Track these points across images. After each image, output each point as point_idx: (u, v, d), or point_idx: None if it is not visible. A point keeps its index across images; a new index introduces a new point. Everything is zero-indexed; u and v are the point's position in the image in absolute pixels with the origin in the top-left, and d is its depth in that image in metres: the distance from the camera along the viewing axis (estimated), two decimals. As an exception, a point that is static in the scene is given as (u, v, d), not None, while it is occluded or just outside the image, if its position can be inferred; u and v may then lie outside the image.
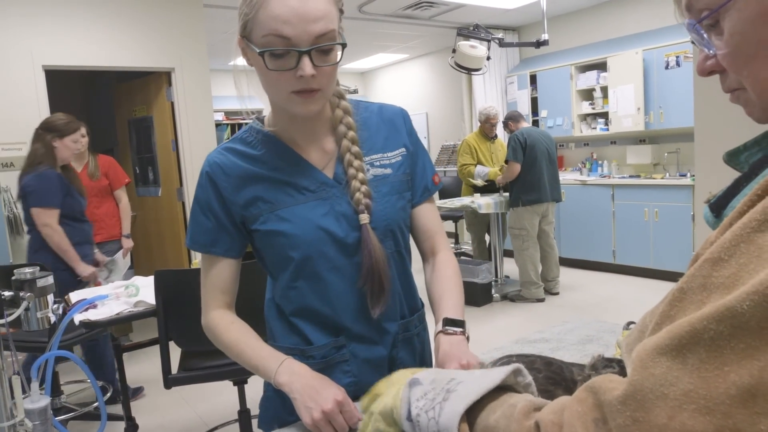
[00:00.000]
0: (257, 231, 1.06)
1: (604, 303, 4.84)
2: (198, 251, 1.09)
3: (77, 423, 3.18)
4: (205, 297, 1.10)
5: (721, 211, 0.54)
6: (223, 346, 1.08)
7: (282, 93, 0.96)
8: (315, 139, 1.07)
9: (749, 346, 0.38)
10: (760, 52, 0.51)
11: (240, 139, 1.09)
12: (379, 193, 1.07)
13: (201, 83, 4.78)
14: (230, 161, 1.06)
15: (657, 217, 5.27)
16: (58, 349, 1.30)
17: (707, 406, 0.39)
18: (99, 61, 4.34)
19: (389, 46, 7.82)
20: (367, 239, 1.03)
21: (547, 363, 0.78)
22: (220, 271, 1.08)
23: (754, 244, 0.41)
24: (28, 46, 4.06)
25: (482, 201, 4.98)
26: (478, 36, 4.34)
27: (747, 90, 0.54)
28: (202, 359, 2.38)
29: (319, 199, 1.04)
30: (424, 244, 1.18)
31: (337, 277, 1.05)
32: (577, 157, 6.72)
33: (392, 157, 1.11)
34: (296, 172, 1.05)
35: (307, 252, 1.03)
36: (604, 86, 5.97)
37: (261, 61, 0.93)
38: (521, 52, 7.23)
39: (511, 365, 0.63)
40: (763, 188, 0.43)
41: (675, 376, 0.41)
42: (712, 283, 0.42)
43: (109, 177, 4.08)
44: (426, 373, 0.70)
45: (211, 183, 1.05)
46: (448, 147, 8.15)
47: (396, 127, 1.14)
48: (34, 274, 1.29)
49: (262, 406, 1.17)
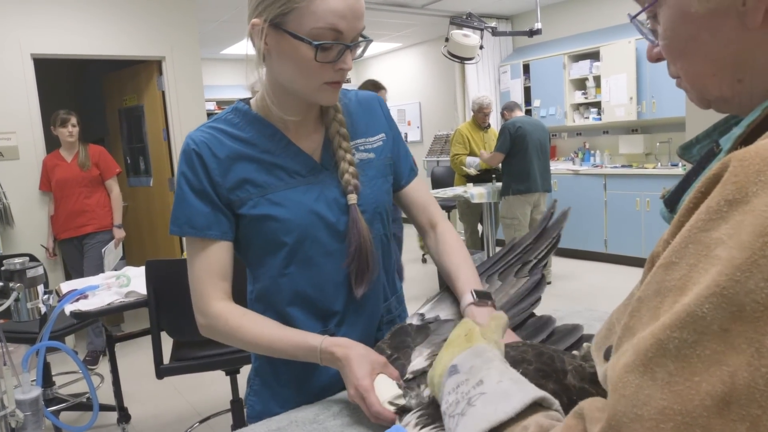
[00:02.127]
0: (245, 216, 1.02)
1: (595, 292, 4.87)
2: (192, 236, 1.01)
3: (69, 413, 3.18)
4: (202, 287, 1.02)
5: (675, 206, 0.55)
6: (239, 341, 1.02)
7: (315, 83, 0.96)
8: (305, 125, 1.07)
9: (715, 351, 0.38)
10: (689, 48, 0.53)
11: (224, 119, 1.05)
12: (366, 176, 1.08)
13: (192, 72, 4.74)
14: (218, 140, 1.02)
15: (648, 206, 5.29)
16: (49, 339, 1.29)
17: (685, 422, 0.38)
18: (88, 49, 4.30)
19: (382, 35, 7.78)
20: (355, 219, 1.03)
21: (538, 353, 0.78)
22: (219, 256, 1.02)
23: (701, 243, 0.41)
24: (17, 34, 4.01)
25: (475, 191, 4.99)
26: (471, 25, 4.32)
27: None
28: (194, 349, 2.38)
29: (309, 183, 1.04)
30: (420, 217, 1.19)
31: (328, 262, 1.05)
32: (570, 147, 6.73)
33: (374, 141, 1.12)
34: (286, 156, 1.04)
35: (301, 237, 1.02)
36: (597, 76, 5.98)
37: (302, 50, 0.92)
38: (514, 42, 7.21)
39: (533, 394, 0.61)
40: (705, 185, 0.43)
41: (646, 394, 0.40)
42: (664, 287, 0.42)
43: (99, 167, 4.05)
44: (467, 356, 0.70)
45: (201, 162, 1.00)
46: (441, 136, 8.14)
47: (374, 113, 1.15)
48: (23, 265, 1.28)
49: (248, 402, 1.14)
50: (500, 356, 0.72)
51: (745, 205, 0.39)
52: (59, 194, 3.97)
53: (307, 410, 1.00)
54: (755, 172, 0.40)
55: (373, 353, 0.95)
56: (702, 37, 0.52)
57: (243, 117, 1.05)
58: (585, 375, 0.75)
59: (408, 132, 9.08)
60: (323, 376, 1.08)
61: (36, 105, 4.13)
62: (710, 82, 0.54)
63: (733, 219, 0.40)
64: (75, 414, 3.22)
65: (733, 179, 0.41)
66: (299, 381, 1.09)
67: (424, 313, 1.09)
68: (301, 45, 0.92)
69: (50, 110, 4.12)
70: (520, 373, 0.74)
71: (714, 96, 0.55)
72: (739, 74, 0.52)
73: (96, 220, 4.05)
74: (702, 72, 0.54)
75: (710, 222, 0.41)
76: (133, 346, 4.01)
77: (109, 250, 3.89)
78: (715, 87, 0.54)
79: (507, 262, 1.22)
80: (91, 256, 3.99)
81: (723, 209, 0.40)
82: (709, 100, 0.56)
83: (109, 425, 3.00)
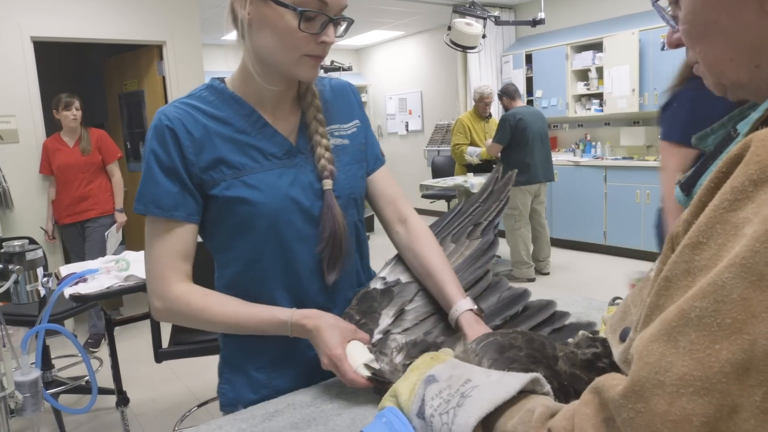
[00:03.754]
0: (218, 197, 0.99)
1: (594, 283, 4.88)
2: (157, 216, 0.98)
3: (68, 396, 3.20)
4: (162, 269, 0.98)
5: (691, 189, 0.56)
6: (205, 322, 1.00)
7: (295, 54, 0.95)
8: (281, 107, 1.05)
9: (735, 320, 0.39)
10: (709, 32, 0.54)
11: (198, 96, 1.02)
12: (341, 162, 1.07)
13: (193, 57, 4.71)
14: (192, 117, 0.99)
15: (649, 199, 5.29)
16: (48, 323, 1.30)
17: (704, 387, 0.39)
18: (89, 33, 4.27)
19: (385, 23, 7.73)
20: (330, 205, 1.02)
21: (528, 340, 0.78)
22: (183, 237, 0.99)
23: (729, 223, 0.42)
24: (17, 17, 3.99)
25: (475, 180, 4.99)
26: (474, 14, 4.30)
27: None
28: (192, 334, 2.39)
29: (285, 166, 1.02)
30: (386, 209, 1.16)
31: (301, 247, 1.03)
32: (571, 138, 6.72)
33: (348, 128, 1.12)
34: (262, 137, 1.02)
35: (275, 221, 1.00)
36: (600, 67, 5.95)
37: (286, 18, 0.92)
38: (517, 31, 7.17)
39: (529, 374, 0.61)
40: (726, 164, 0.44)
41: (669, 361, 0.41)
42: (695, 267, 0.43)
43: (101, 151, 4.05)
44: (444, 367, 0.68)
45: (174, 139, 0.97)
46: (443, 126, 8.12)
47: (348, 100, 1.15)
48: (23, 247, 1.29)
49: (220, 391, 1.12)
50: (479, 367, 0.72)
51: None
52: (61, 179, 3.95)
53: (305, 393, 1.00)
54: None
55: (342, 321, 0.98)
56: (721, 21, 0.52)
57: (218, 95, 1.03)
58: (576, 361, 0.75)
59: (409, 121, 9.06)
60: (298, 360, 1.07)
61: (36, 88, 4.11)
62: (727, 67, 0.54)
63: (759, 198, 0.41)
64: (74, 397, 3.24)
65: (756, 158, 0.41)
66: (274, 365, 1.07)
67: (385, 276, 1.13)
68: (285, 12, 0.91)
69: (50, 94, 4.11)
70: (511, 358, 0.75)
71: (731, 81, 0.55)
72: (756, 59, 0.52)
73: (99, 205, 4.05)
74: (720, 57, 0.54)
75: (736, 202, 0.42)
76: (132, 330, 4.02)
77: (111, 234, 3.90)
78: (732, 72, 0.54)
79: (459, 224, 1.25)
80: (94, 240, 4.00)
81: (748, 189, 0.41)
82: (725, 86, 0.56)
83: (108, 408, 3.02)
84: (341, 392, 0.99)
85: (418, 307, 1.09)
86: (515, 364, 0.73)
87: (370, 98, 9.77)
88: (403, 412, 0.67)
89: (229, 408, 1.07)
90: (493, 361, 0.75)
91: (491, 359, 0.75)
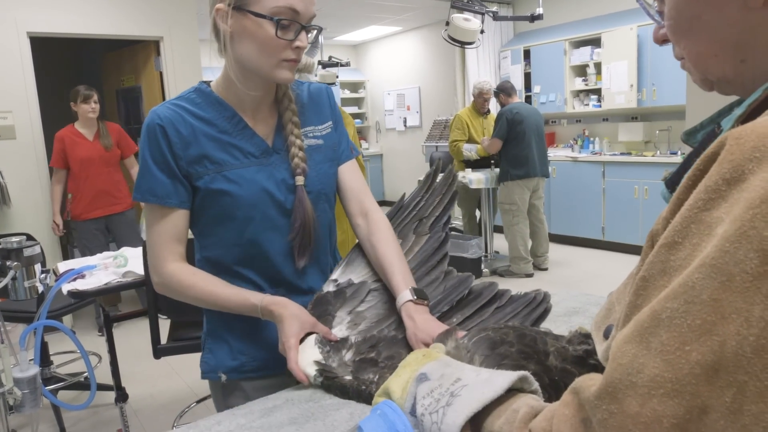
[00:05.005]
0: (201, 189, 1.11)
1: (592, 279, 4.90)
2: (153, 203, 1.11)
3: (67, 392, 3.20)
4: (158, 250, 1.12)
5: (675, 186, 0.55)
6: (191, 298, 1.12)
7: (274, 60, 1.06)
8: (260, 110, 1.16)
9: (705, 321, 0.39)
10: (693, 27, 0.54)
11: (187, 98, 1.14)
12: (313, 161, 1.18)
13: (190, 53, 4.70)
14: (181, 117, 1.10)
15: (647, 194, 5.30)
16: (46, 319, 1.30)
17: (675, 389, 0.39)
18: (86, 28, 4.26)
19: (382, 18, 7.71)
20: (301, 198, 1.14)
21: (520, 335, 0.78)
22: (177, 222, 1.12)
23: (703, 223, 0.42)
24: (13, 12, 3.97)
25: (473, 176, 4.99)
26: (472, 9, 4.29)
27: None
28: (191, 329, 2.39)
29: (261, 165, 1.14)
30: (350, 202, 1.26)
31: (275, 235, 1.15)
32: (569, 134, 6.72)
33: (323, 129, 1.22)
34: (242, 138, 1.13)
35: (251, 212, 1.12)
36: (598, 62, 5.94)
37: (264, 27, 1.03)
38: (515, 27, 7.16)
39: (517, 373, 0.62)
40: (703, 163, 0.44)
41: (641, 362, 0.41)
42: (670, 267, 0.43)
43: (120, 146, 4.06)
44: (435, 365, 0.69)
45: (164, 136, 1.09)
46: (441, 122, 8.11)
47: (323, 103, 1.25)
48: (21, 243, 1.29)
49: (203, 360, 1.23)
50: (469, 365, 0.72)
51: (742, 183, 0.40)
52: (82, 174, 3.90)
53: (303, 389, 1.01)
54: (751, 148, 0.40)
55: (306, 314, 1.08)
56: (705, 16, 0.52)
57: (205, 98, 1.14)
58: (567, 356, 0.76)
59: (407, 117, 9.06)
60: (271, 330, 1.14)
61: (33, 84, 4.10)
62: (713, 63, 0.54)
63: (732, 197, 0.40)
64: (73, 393, 3.24)
65: (729, 157, 0.41)
66: (250, 334, 1.19)
67: (337, 278, 1.20)
68: (263, 22, 1.03)
69: (47, 90, 4.10)
70: (502, 354, 0.75)
71: (717, 77, 0.55)
72: (741, 55, 0.52)
73: (124, 200, 4.09)
74: (705, 52, 0.54)
75: (710, 201, 0.42)
76: (130, 327, 4.02)
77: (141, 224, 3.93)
78: (717, 67, 0.54)
79: (402, 220, 1.31)
80: (127, 231, 4.05)
81: (722, 188, 0.41)
82: (711, 82, 0.56)
83: (107, 404, 3.03)
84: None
85: (371, 307, 1.15)
86: (506, 360, 0.74)
87: (368, 94, 9.76)
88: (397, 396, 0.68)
89: (210, 375, 1.21)
90: (484, 357, 0.75)
91: (483, 355, 0.75)
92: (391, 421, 0.65)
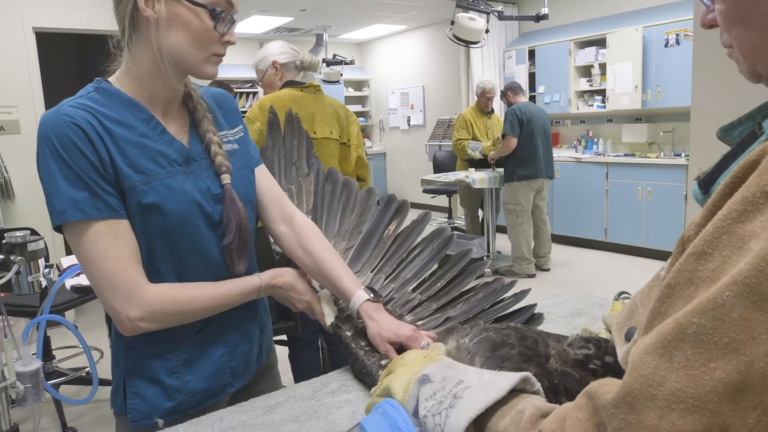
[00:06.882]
0: (130, 204, 0.95)
1: (594, 280, 4.89)
2: (98, 218, 0.91)
3: (69, 387, 3.21)
4: (125, 277, 0.93)
5: (709, 188, 0.54)
6: (190, 313, 1.00)
7: (205, 53, 0.98)
8: (170, 110, 1.04)
9: (733, 340, 0.38)
10: (747, 17, 0.51)
11: (90, 98, 0.97)
12: (234, 167, 1.07)
13: (195, 50, 4.70)
14: (95, 118, 0.93)
15: (650, 196, 5.29)
16: (49, 314, 1.30)
17: (696, 405, 0.38)
18: (91, 24, 4.26)
19: (387, 17, 7.71)
20: (232, 198, 1.03)
21: (521, 337, 0.78)
22: (129, 235, 0.95)
23: (735, 235, 0.40)
24: (18, 7, 3.98)
25: (476, 176, 4.98)
26: (477, 8, 4.28)
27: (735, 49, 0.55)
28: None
29: (185, 173, 1.01)
30: (269, 208, 1.16)
31: (209, 246, 1.03)
32: (573, 134, 6.71)
33: (235, 134, 1.13)
34: (163, 143, 1.00)
35: (182, 224, 0.98)
36: (603, 63, 5.93)
37: (200, 18, 0.95)
38: (520, 26, 7.15)
39: (520, 374, 0.62)
40: (742, 170, 0.42)
41: (662, 375, 0.40)
42: (698, 278, 0.42)
43: None
44: (437, 367, 0.69)
45: (84, 138, 0.91)
46: (444, 121, 8.11)
47: (229, 107, 1.16)
48: (25, 238, 1.29)
49: (129, 407, 1.04)
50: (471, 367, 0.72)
51: None
52: None
53: (305, 386, 1.01)
54: None
55: (304, 275, 1.15)
56: (762, 6, 0.50)
57: (112, 97, 0.98)
58: (568, 359, 0.75)
59: (411, 116, 9.05)
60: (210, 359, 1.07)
61: (38, 79, 4.11)
62: (765, 56, 0.52)
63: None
64: (75, 388, 3.25)
65: None
66: (188, 365, 1.05)
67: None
68: (200, 11, 0.95)
69: (52, 85, 4.10)
70: (503, 356, 0.75)
71: (766, 70, 0.53)
72: None
73: None
74: (757, 44, 0.52)
75: (745, 213, 0.40)
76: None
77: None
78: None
79: (280, 170, 1.41)
80: None
81: (759, 201, 0.39)
82: (760, 74, 0.54)
83: (108, 399, 3.03)
84: (342, 386, 1.00)
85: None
86: (507, 362, 0.73)
87: (372, 92, 9.75)
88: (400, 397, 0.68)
89: (144, 422, 1.02)
90: (485, 359, 0.75)
91: (483, 357, 0.75)
92: (392, 419, 0.65)
